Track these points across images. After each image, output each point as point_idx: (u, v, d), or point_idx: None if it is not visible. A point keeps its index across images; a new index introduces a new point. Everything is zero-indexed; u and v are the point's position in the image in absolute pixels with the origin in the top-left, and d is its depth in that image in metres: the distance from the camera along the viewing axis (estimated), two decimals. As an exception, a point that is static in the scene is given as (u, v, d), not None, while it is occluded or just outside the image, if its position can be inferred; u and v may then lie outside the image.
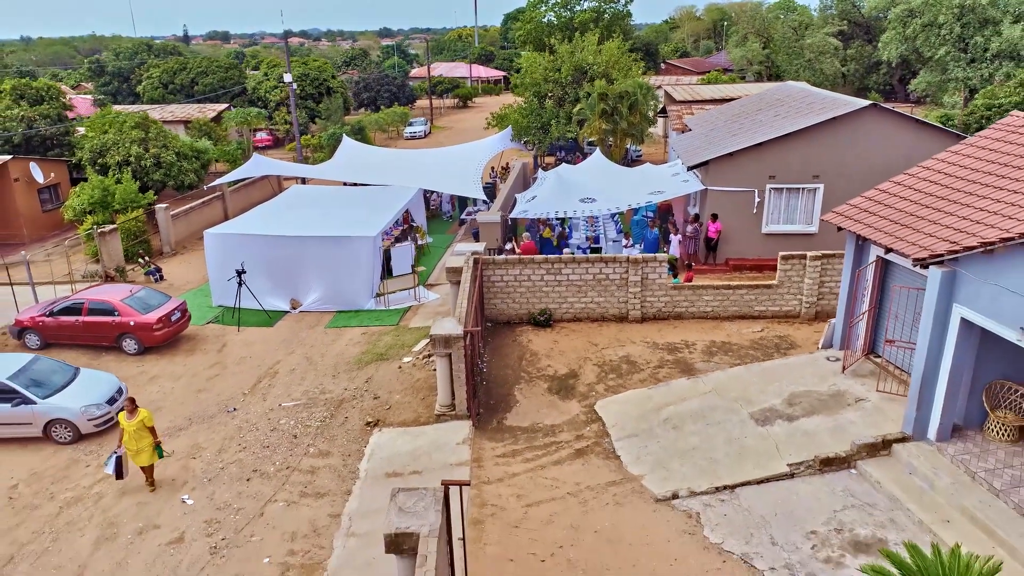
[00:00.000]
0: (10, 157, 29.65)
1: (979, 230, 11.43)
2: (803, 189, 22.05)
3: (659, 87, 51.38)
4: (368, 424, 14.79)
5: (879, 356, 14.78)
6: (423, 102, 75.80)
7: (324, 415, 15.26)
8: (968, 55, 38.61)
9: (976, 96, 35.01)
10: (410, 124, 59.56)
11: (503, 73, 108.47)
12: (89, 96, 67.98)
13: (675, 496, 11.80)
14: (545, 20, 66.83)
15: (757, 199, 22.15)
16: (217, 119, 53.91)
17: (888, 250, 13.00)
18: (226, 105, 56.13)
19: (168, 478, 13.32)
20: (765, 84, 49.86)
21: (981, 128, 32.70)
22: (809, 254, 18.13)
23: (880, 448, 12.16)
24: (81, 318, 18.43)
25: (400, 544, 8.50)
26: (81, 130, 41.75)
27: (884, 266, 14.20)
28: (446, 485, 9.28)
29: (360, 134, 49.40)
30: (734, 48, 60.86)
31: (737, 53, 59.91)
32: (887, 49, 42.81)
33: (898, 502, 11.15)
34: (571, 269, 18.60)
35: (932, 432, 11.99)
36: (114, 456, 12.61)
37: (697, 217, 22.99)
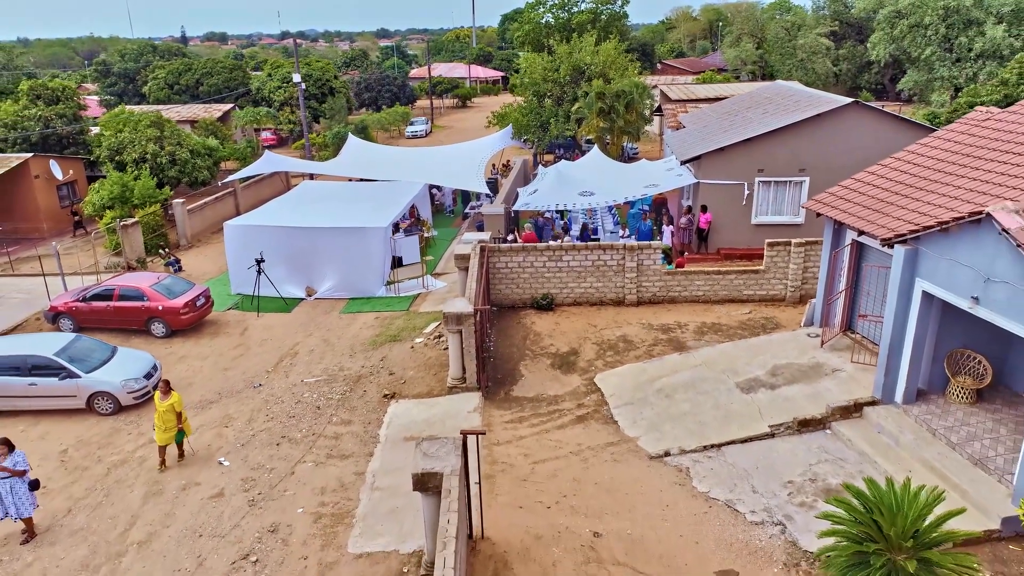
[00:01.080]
0: (31, 155, 30.84)
1: (939, 212, 12.73)
2: (790, 182, 23.33)
3: (655, 87, 52.71)
4: (385, 396, 16.04)
5: (855, 332, 16.07)
6: (423, 102, 77.04)
7: (344, 389, 16.51)
8: (953, 55, 39.93)
9: (960, 94, 36.31)
10: (411, 123, 60.80)
11: (501, 73, 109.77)
12: (95, 96, 69.20)
13: (667, 454, 13.07)
14: (543, 21, 67.97)
15: (747, 191, 23.42)
16: (223, 119, 55.15)
17: (860, 232, 14.31)
18: (231, 105, 57.30)
19: (204, 444, 14.57)
20: (758, 84, 51.21)
21: (963, 125, 34.04)
22: (793, 241, 19.42)
23: (852, 410, 13.45)
24: (112, 303, 19.66)
25: (426, 483, 9.77)
26: (95, 129, 42.97)
27: (858, 248, 15.49)
28: (464, 434, 10.55)
29: (363, 133, 50.65)
30: (728, 48, 62.17)
31: (731, 53, 61.23)
32: (876, 49, 44.14)
33: (867, 456, 12.43)
34: (571, 256, 19.87)
35: (899, 396, 13.28)
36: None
37: (690, 209, 24.26)
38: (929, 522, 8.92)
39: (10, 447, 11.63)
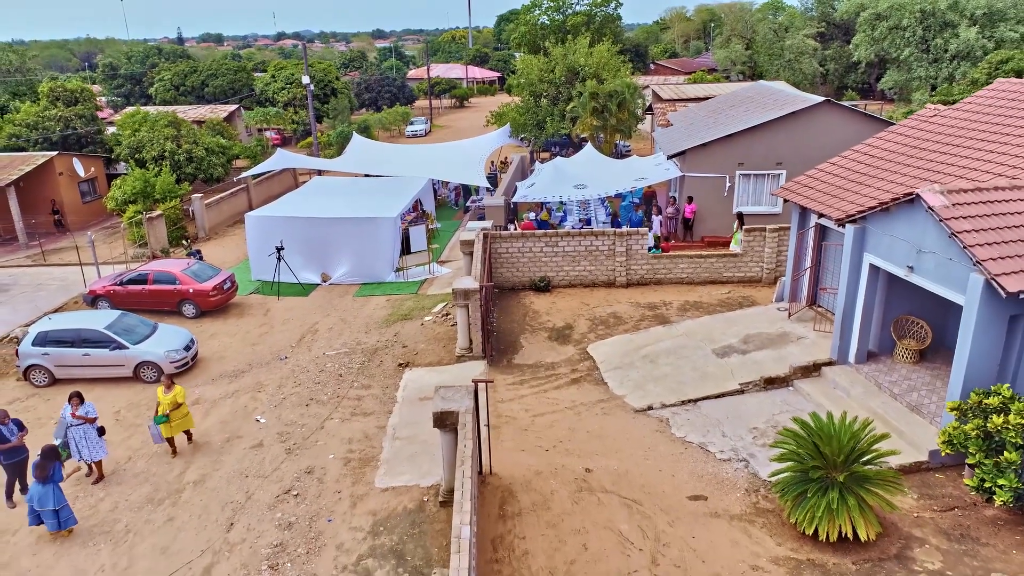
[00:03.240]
0: (55, 153, 32.63)
1: (885, 196, 14.65)
2: (768, 175, 25.26)
3: (647, 87, 54.68)
4: (400, 365, 17.92)
5: (819, 306, 17.99)
6: (422, 102, 78.86)
7: (363, 360, 18.38)
8: (930, 55, 41.94)
9: (934, 94, 38.32)
10: (411, 123, 62.65)
11: (498, 74, 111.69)
12: (102, 97, 70.87)
13: (650, 408, 14.98)
14: (539, 23, 69.80)
15: (728, 184, 25.34)
16: (229, 119, 56.96)
17: (821, 215, 16.25)
18: (236, 106, 59.12)
19: (240, 405, 16.43)
20: (747, 83, 53.19)
21: (936, 122, 36.06)
22: (768, 227, 21.35)
23: (812, 370, 15.37)
24: (147, 287, 21.50)
25: (444, 420, 11.67)
26: (111, 128, 44.72)
27: (821, 230, 17.40)
28: (475, 382, 12.45)
29: (366, 133, 52.51)
30: (718, 49, 64.14)
31: (721, 54, 63.19)
32: (859, 50, 46.13)
33: (822, 407, 14.32)
34: (566, 242, 21.77)
35: (851, 357, 15.20)
36: (157, 428, 14.03)
37: (674, 200, 26.19)
38: (861, 443, 10.83)
39: (81, 399, 13.49)
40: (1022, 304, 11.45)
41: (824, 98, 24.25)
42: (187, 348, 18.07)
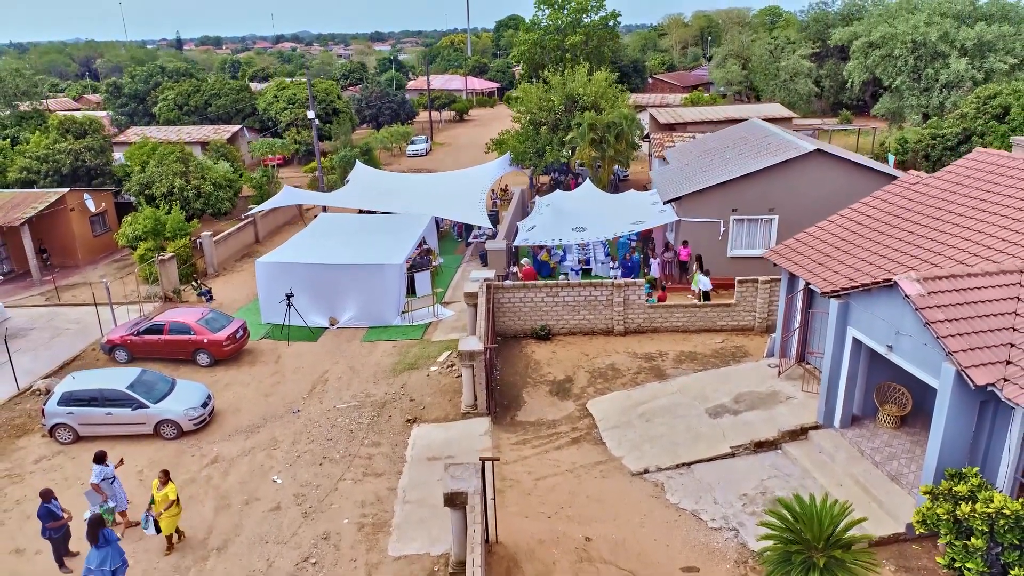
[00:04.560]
0: (67, 190, 33.45)
1: (869, 269, 15.55)
2: (761, 220, 26.14)
3: (644, 108, 55.56)
4: (408, 421, 18.78)
5: (808, 363, 18.87)
6: (423, 115, 79.57)
7: (372, 414, 19.23)
8: (922, 84, 42.82)
9: (926, 124, 39.20)
10: (412, 142, 63.45)
11: (497, 85, 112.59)
12: (105, 112, 71.64)
13: (646, 471, 15.84)
14: (538, 42, 70.57)
15: (723, 228, 26.21)
16: (232, 140, 57.82)
17: (807, 283, 17.11)
18: (239, 127, 60.02)
19: (257, 464, 17.27)
20: (743, 106, 54.15)
21: (927, 156, 37.03)
22: (760, 279, 22.21)
23: (799, 434, 16.25)
24: (163, 337, 22.33)
25: (454, 500, 12.52)
26: (118, 155, 45.55)
27: (809, 293, 18.28)
28: (483, 460, 13.31)
29: (367, 155, 53.35)
30: (715, 69, 65.03)
31: (718, 74, 64.10)
32: (852, 76, 47.01)
33: (808, 472, 15.22)
34: (566, 292, 22.63)
35: (837, 421, 16.08)
36: (149, 517, 14.01)
37: (667, 246, 27.16)
38: (840, 527, 11.70)
39: (102, 460, 14.52)
40: (992, 391, 12.31)
41: (816, 146, 25.09)
42: (204, 405, 18.91)
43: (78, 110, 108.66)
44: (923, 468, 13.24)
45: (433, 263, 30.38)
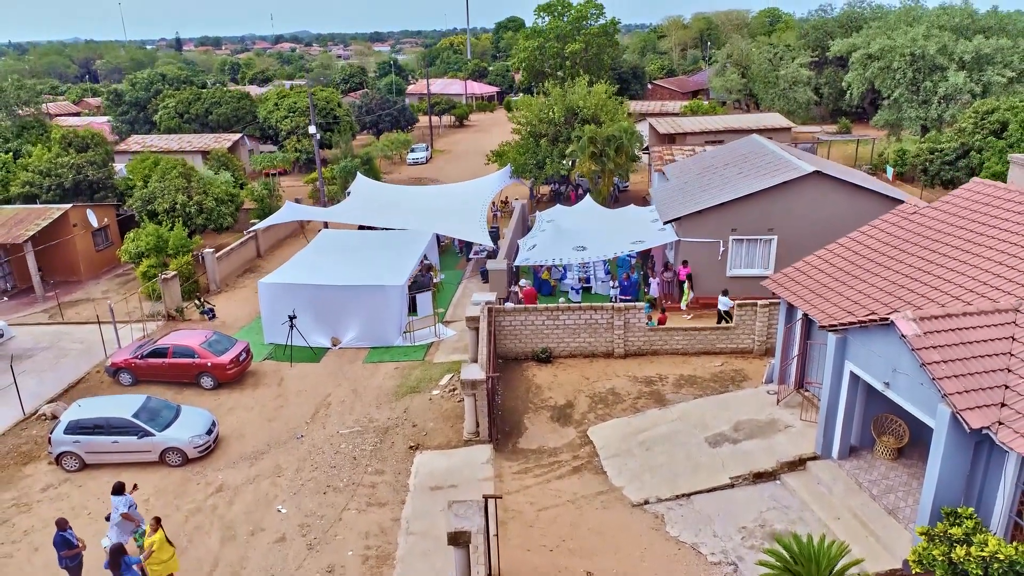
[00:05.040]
0: (70, 206, 33.59)
1: (867, 302, 15.75)
2: (760, 240, 26.33)
3: (643, 118, 55.75)
4: (411, 447, 18.97)
5: (807, 391, 19.08)
6: (423, 120, 79.63)
7: (375, 440, 19.43)
8: (920, 96, 43.03)
9: (925, 138, 39.41)
10: (412, 150, 63.62)
11: (496, 89, 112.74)
12: (105, 119, 71.78)
13: (646, 502, 16.04)
14: (538, 50, 70.75)
15: (722, 248, 26.41)
16: (233, 149, 57.97)
17: (806, 314, 17.30)
18: (240, 135, 60.16)
19: (263, 492, 17.46)
20: (743, 116, 54.34)
21: (926, 170, 37.24)
22: (759, 302, 22.41)
23: (797, 464, 16.45)
24: (167, 360, 22.52)
25: (458, 539, 12.71)
26: (120, 167, 45.65)
27: (808, 322, 18.48)
28: (486, 498, 13.50)
29: (368, 164, 53.53)
30: (715, 78, 65.24)
31: (718, 83, 64.31)
32: (851, 88, 47.21)
33: (806, 504, 15.43)
34: (567, 316, 22.83)
35: (834, 452, 16.28)
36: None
37: (666, 266, 27.39)
38: (838, 568, 11.91)
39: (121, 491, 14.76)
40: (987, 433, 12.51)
41: (814, 168, 25.26)
42: (209, 431, 19.09)
43: (78, 114, 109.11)
44: (919, 506, 13.45)
45: (434, 280, 30.60)
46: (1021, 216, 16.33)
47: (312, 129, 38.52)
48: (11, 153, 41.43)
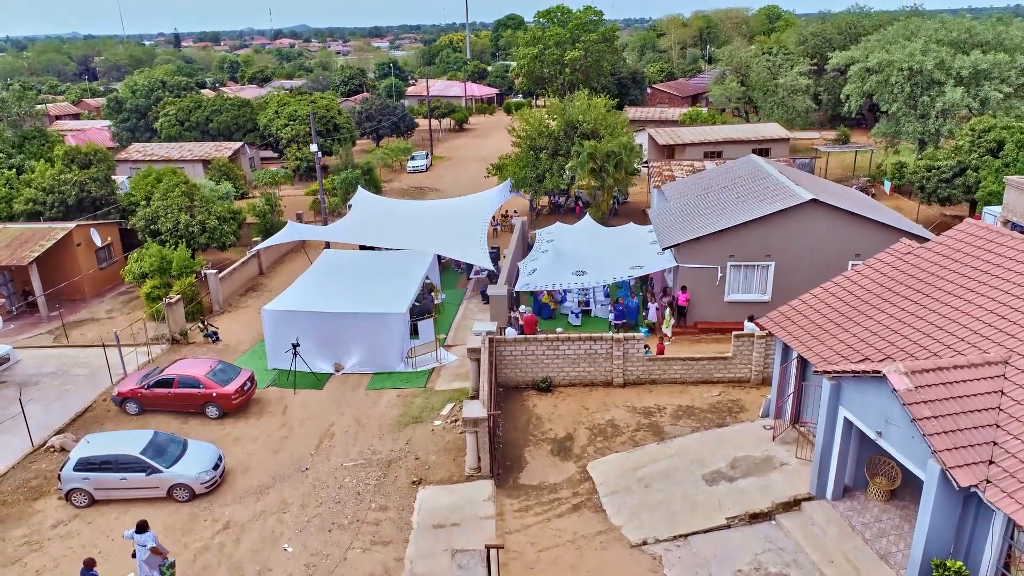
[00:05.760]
0: (74, 225, 33.86)
1: (861, 347, 16.10)
2: (757, 266, 26.66)
3: (643, 128, 55.97)
4: (414, 482, 19.32)
5: (802, 426, 19.43)
6: (422, 123, 79.68)
7: (379, 474, 19.78)
8: (918, 111, 43.27)
9: (923, 156, 39.69)
10: (412, 158, 63.85)
11: (496, 90, 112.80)
12: (106, 123, 71.95)
13: (645, 543, 16.41)
14: (538, 57, 70.87)
15: (720, 274, 26.75)
16: (234, 158, 58.21)
17: (800, 355, 17.64)
18: (240, 143, 60.36)
19: (269, 529, 17.82)
20: (742, 127, 54.55)
21: (923, 188, 37.51)
22: (756, 334, 22.74)
23: (792, 505, 16.82)
24: (173, 390, 22.85)
25: (461, 591, 13.09)
26: (122, 179, 45.95)
27: (803, 361, 18.80)
28: (488, 548, 13.87)
29: (368, 174, 53.80)
30: (714, 86, 65.44)
31: (717, 91, 64.50)
32: (849, 101, 47.45)
33: (800, 547, 15.80)
34: (567, 346, 23.17)
35: (829, 493, 16.65)
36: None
37: (665, 291, 27.74)
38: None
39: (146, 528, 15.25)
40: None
41: (811, 196, 25.54)
42: (215, 467, 19.44)
43: (78, 115, 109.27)
44: (910, 556, 13.81)
45: (435, 301, 30.92)
46: (1012, 262, 16.65)
47: (314, 147, 38.79)
48: (14, 169, 41.59)
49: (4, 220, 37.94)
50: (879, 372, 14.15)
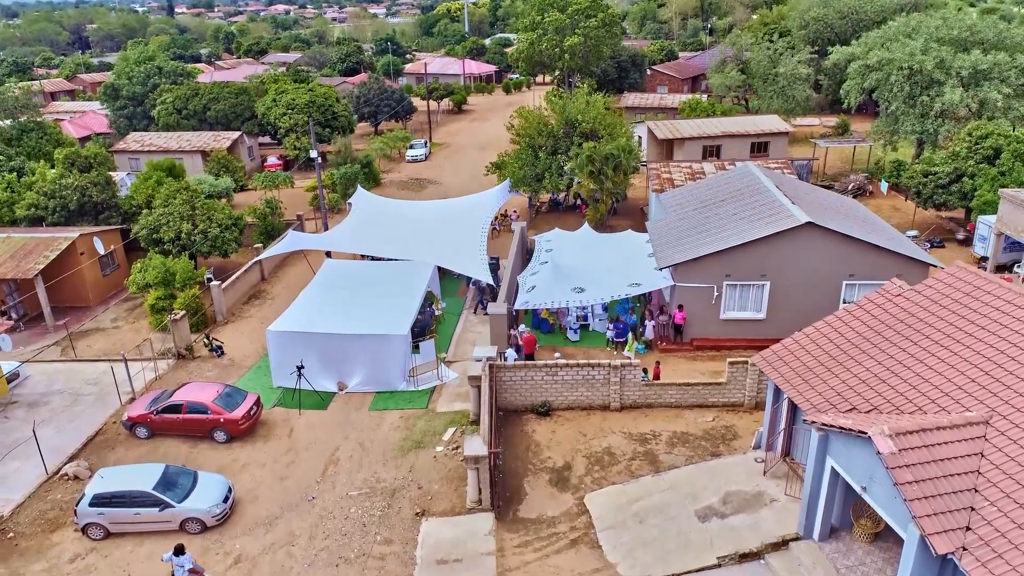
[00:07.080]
0: (77, 235, 34.16)
1: (850, 395, 16.68)
2: (753, 285, 27.12)
3: (643, 120, 55.87)
4: (417, 514, 20.05)
5: (793, 459, 20.10)
6: (420, 103, 79.13)
7: (383, 505, 20.50)
8: (917, 110, 43.27)
9: (920, 160, 39.87)
10: (411, 147, 63.74)
11: (495, 68, 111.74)
12: (104, 110, 71.61)
13: (639, 582, 17.19)
14: (536, 41, 70.18)
15: (716, 293, 27.22)
16: (232, 148, 58.16)
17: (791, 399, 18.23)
18: (239, 133, 60.25)
19: (279, 563, 18.58)
20: (741, 119, 54.43)
21: (919, 193, 37.77)
22: (750, 360, 23.26)
23: (781, 545, 17.56)
24: (181, 416, 23.48)
25: (464, 645, 13.84)
26: (121, 176, 46.05)
27: (793, 404, 19.36)
28: (489, 602, 14.58)
29: (368, 167, 53.87)
30: (714, 75, 65.02)
31: (717, 79, 64.13)
32: (848, 98, 47.35)
33: (787, 589, 16.58)
34: (565, 372, 23.74)
35: (816, 534, 17.37)
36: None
37: (662, 309, 28.30)
38: None
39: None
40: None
41: (807, 219, 25.85)
42: (225, 499, 20.14)
43: (73, 92, 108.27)
44: (889, 610, 14.55)
45: (436, 313, 31.39)
46: (998, 312, 17.12)
47: (314, 153, 38.88)
48: (15, 172, 41.71)
49: (6, 225, 38.27)
50: (864, 432, 14.71)
